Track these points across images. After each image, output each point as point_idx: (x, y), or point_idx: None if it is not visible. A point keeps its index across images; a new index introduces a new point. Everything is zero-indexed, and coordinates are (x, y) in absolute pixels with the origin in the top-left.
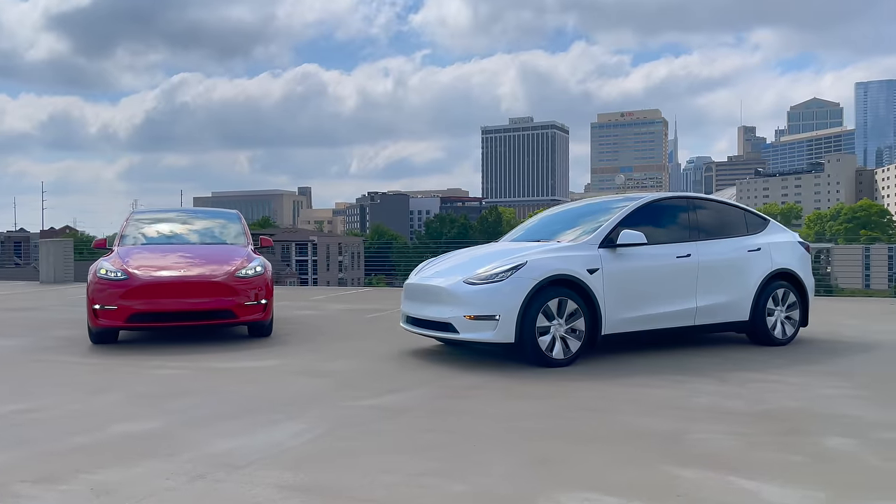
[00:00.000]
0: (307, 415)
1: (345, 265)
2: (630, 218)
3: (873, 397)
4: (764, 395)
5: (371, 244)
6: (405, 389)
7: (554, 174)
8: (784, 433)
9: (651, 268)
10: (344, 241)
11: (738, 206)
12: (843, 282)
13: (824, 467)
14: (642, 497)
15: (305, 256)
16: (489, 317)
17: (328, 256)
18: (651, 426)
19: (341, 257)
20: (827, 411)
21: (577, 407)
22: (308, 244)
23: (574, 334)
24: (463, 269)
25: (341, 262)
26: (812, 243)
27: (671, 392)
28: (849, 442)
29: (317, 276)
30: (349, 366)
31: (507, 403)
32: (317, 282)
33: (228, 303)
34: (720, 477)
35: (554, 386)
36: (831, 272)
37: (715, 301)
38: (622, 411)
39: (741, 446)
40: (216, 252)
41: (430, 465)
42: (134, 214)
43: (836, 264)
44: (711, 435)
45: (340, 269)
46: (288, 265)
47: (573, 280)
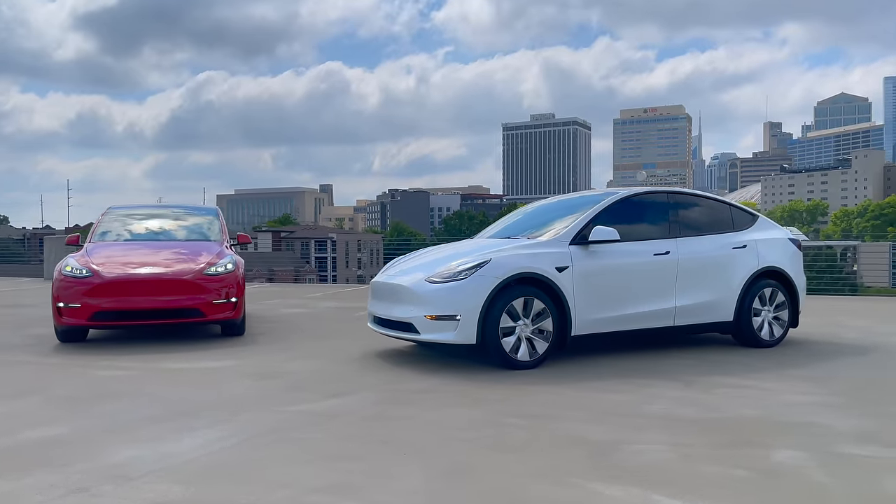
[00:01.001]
0: (234, 420)
1: (363, 262)
2: (605, 214)
3: (847, 406)
4: (727, 402)
5: (390, 241)
6: (352, 393)
7: (576, 171)
8: (733, 445)
9: (626, 265)
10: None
11: (724, 202)
12: (869, 280)
13: (765, 484)
14: None
15: (325, 253)
16: (450, 317)
17: (347, 253)
18: (592, 435)
19: (360, 254)
20: (790, 420)
21: (524, 413)
22: (327, 241)
23: (541, 335)
24: (428, 267)
25: (360, 259)
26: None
27: (628, 397)
28: (801, 456)
29: (336, 273)
30: (306, 367)
31: (453, 409)
32: (336, 279)
33: (196, 301)
34: (644, 494)
35: (510, 390)
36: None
37: (696, 301)
38: (569, 418)
39: (680, 459)
40: (186, 249)
41: (335, 479)
42: (110, 210)
43: (863, 262)
44: (652, 446)
45: (359, 265)
46: (307, 262)
47: (540, 278)
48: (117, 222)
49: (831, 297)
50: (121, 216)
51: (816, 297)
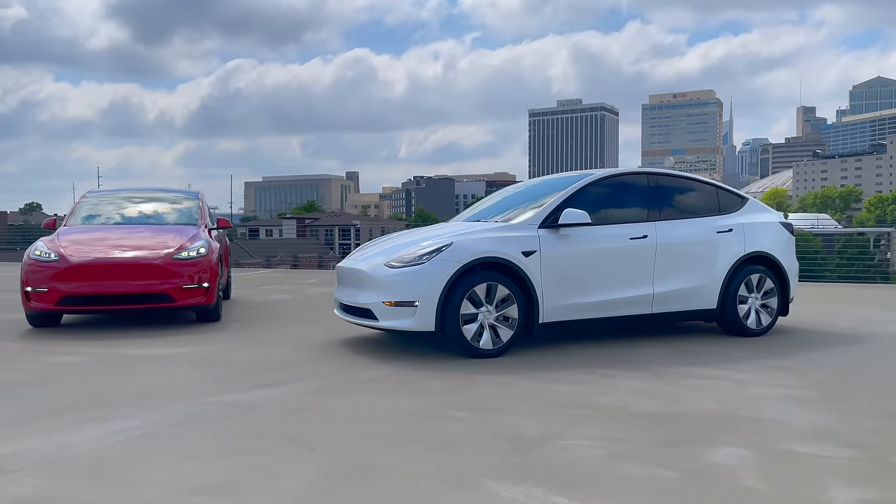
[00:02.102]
0: (153, 410)
1: None
2: (578, 196)
3: (816, 399)
4: (689, 394)
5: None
6: (294, 382)
7: (603, 157)
8: (674, 442)
9: (599, 250)
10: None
11: (711, 184)
12: None
13: (686, 487)
14: None
15: (349, 240)
16: (408, 303)
17: (371, 240)
18: (526, 430)
19: None
20: (748, 415)
21: (467, 405)
22: (351, 228)
23: (506, 322)
24: (390, 252)
25: None
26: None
27: (585, 388)
28: (741, 455)
29: None
30: (261, 354)
31: (394, 399)
32: None
33: (165, 286)
34: (544, 496)
35: (463, 379)
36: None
37: (676, 287)
38: (512, 411)
39: (606, 457)
40: (159, 233)
41: (218, 477)
42: (88, 194)
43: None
44: (582, 442)
45: None
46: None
47: (505, 263)
48: (94, 206)
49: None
50: (98, 200)
51: (826, 285)
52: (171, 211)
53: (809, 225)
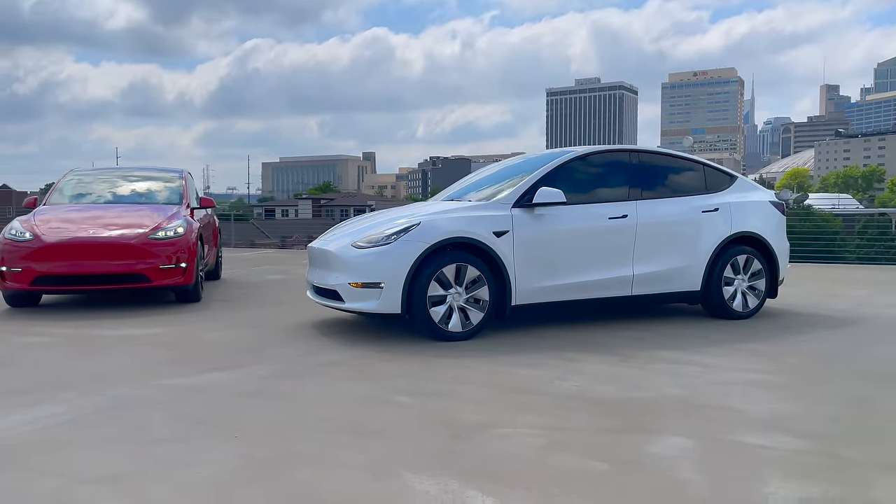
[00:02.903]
0: (94, 394)
1: None
2: (555, 174)
3: (784, 386)
4: (654, 379)
5: None
6: (249, 365)
7: (621, 137)
8: (620, 430)
9: (575, 230)
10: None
11: (698, 162)
12: None
13: (617, 480)
14: None
15: None
16: (374, 284)
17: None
18: (469, 417)
19: None
20: (708, 402)
21: (420, 390)
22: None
23: (477, 305)
24: (360, 232)
25: None
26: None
27: (546, 373)
28: (688, 445)
29: None
30: (229, 336)
31: (343, 384)
32: None
33: (141, 266)
34: (460, 490)
35: (421, 363)
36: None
37: (657, 269)
38: (460, 397)
39: (543, 447)
40: (138, 212)
41: (124, 466)
42: (70, 173)
43: None
44: (523, 430)
45: None
46: None
47: (475, 244)
48: (74, 185)
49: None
50: (80, 179)
51: (837, 266)
52: (153, 190)
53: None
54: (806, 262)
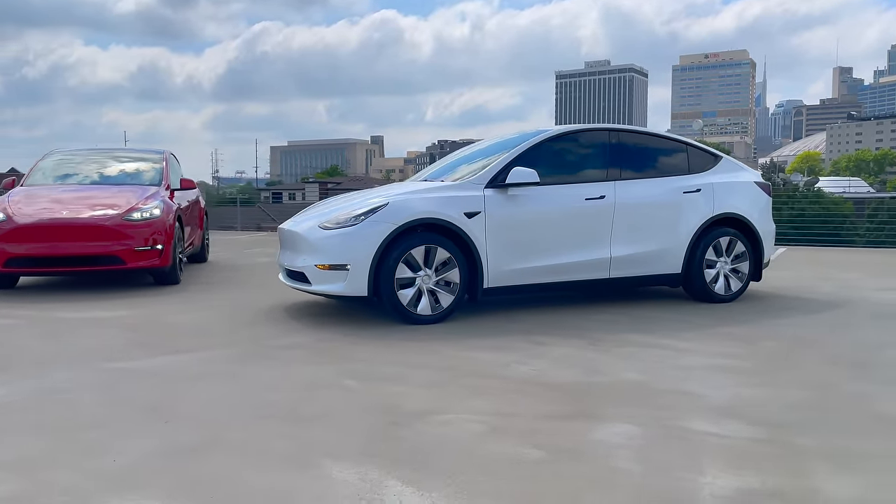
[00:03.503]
0: (42, 376)
1: None
2: (531, 154)
3: (751, 370)
4: (617, 363)
5: None
6: (209, 348)
7: (631, 120)
8: (566, 416)
9: (550, 211)
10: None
11: (681, 141)
12: None
13: (549, 469)
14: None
15: None
16: (340, 266)
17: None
18: (413, 403)
19: None
20: (667, 387)
21: (368, 375)
22: None
23: (448, 287)
24: (330, 213)
25: None
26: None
27: (508, 357)
28: (634, 432)
29: None
30: (196, 318)
31: (297, 368)
32: None
33: (115, 248)
34: (380, 479)
35: (385, 347)
36: None
37: (636, 251)
38: (412, 381)
39: (482, 434)
40: (115, 193)
41: (32, 452)
42: (50, 153)
43: None
44: (467, 416)
45: None
46: None
47: (445, 225)
48: (53, 166)
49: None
50: (59, 159)
51: (839, 250)
52: (132, 171)
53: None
54: (814, 246)
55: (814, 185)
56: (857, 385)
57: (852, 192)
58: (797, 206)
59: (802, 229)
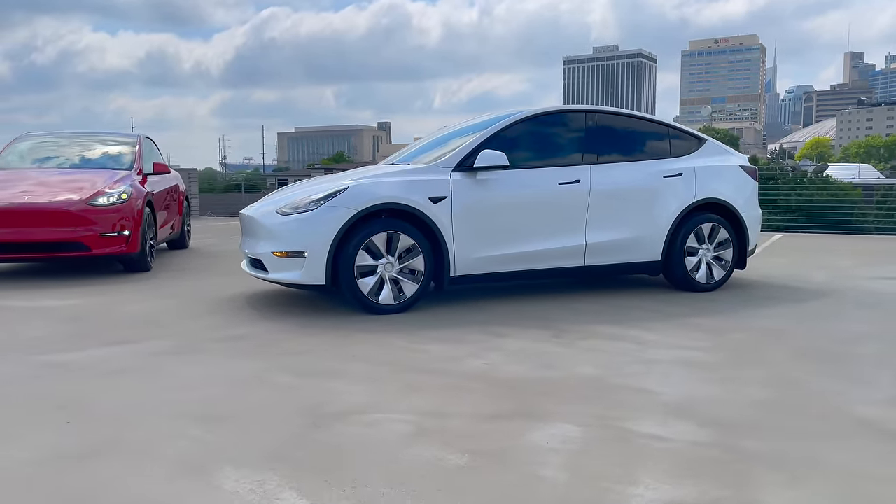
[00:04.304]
0: None
1: None
2: (502, 136)
3: (715, 365)
4: (575, 357)
5: None
6: (148, 339)
7: (639, 106)
8: (504, 416)
9: (522, 196)
10: None
11: (663, 123)
12: None
13: (467, 476)
14: None
15: None
16: (297, 253)
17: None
18: (342, 401)
19: None
20: (621, 383)
21: (304, 369)
22: None
23: (412, 276)
24: (289, 197)
25: None
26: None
27: (462, 350)
28: (571, 434)
29: None
30: (149, 308)
31: (233, 362)
32: None
33: (79, 234)
34: (276, 492)
35: (333, 339)
36: None
37: (612, 237)
38: (352, 376)
39: (407, 436)
40: (82, 177)
41: None
42: (21, 137)
43: None
44: (397, 416)
45: None
46: None
47: (408, 210)
48: (23, 149)
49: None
50: (31, 143)
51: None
52: (103, 155)
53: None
54: (822, 233)
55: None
56: (825, 382)
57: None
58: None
59: (811, 216)
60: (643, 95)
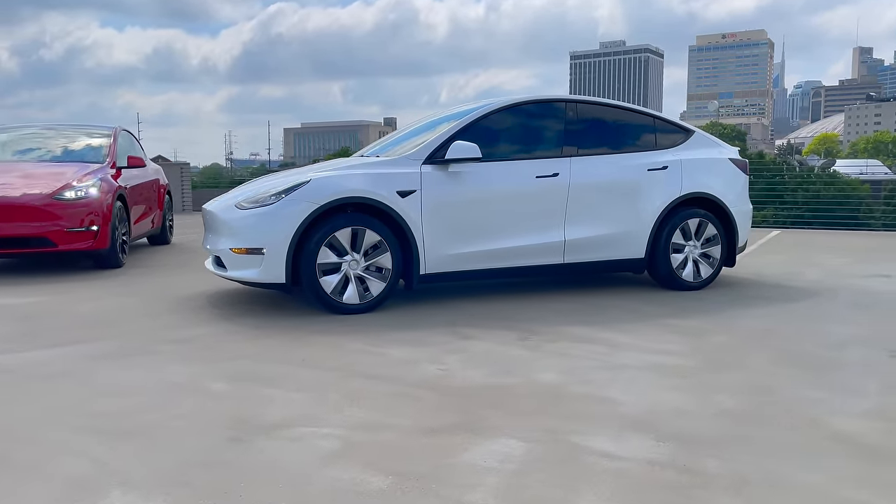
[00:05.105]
0: None
1: None
2: (476, 127)
3: (690, 371)
4: (538, 362)
5: None
6: (93, 341)
7: (646, 101)
8: (448, 429)
9: (497, 190)
10: None
11: (648, 114)
12: None
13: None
14: None
15: None
16: (256, 250)
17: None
18: (273, 413)
19: None
20: (583, 391)
21: (246, 375)
22: None
23: (379, 274)
24: (251, 191)
25: None
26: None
27: (421, 353)
28: (515, 452)
29: None
30: (104, 307)
31: (169, 367)
32: None
33: (44, 229)
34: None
35: (285, 342)
36: None
37: (593, 233)
38: (291, 383)
39: (331, 455)
40: (50, 171)
41: None
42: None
43: None
44: (327, 430)
45: None
46: None
47: (374, 204)
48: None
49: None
50: (2, 136)
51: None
52: (74, 148)
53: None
54: (828, 229)
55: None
56: (804, 390)
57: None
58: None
59: (817, 213)
60: (650, 90)
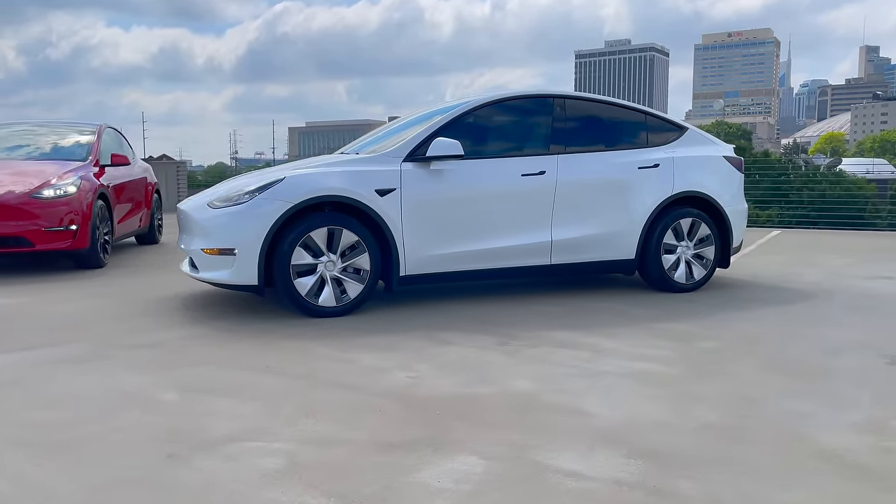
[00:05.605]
0: None
1: None
2: (460, 123)
3: (673, 379)
4: (515, 369)
5: None
6: (55, 345)
7: (652, 100)
8: (407, 445)
9: (480, 189)
10: None
11: (640, 110)
12: None
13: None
14: None
15: None
16: (227, 250)
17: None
18: (221, 426)
19: None
20: (556, 402)
21: (202, 384)
22: None
23: (357, 275)
24: (224, 190)
25: None
26: None
27: (393, 360)
28: (468, 469)
29: None
30: (76, 308)
31: (125, 374)
32: None
33: (21, 228)
34: None
35: (253, 347)
36: None
37: (581, 234)
38: (248, 393)
39: (269, 475)
40: (29, 169)
41: None
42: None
43: None
44: (273, 445)
45: None
46: None
47: (352, 204)
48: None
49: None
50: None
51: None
52: (56, 146)
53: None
54: (832, 229)
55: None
56: (791, 402)
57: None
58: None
59: (823, 212)
60: (655, 89)
